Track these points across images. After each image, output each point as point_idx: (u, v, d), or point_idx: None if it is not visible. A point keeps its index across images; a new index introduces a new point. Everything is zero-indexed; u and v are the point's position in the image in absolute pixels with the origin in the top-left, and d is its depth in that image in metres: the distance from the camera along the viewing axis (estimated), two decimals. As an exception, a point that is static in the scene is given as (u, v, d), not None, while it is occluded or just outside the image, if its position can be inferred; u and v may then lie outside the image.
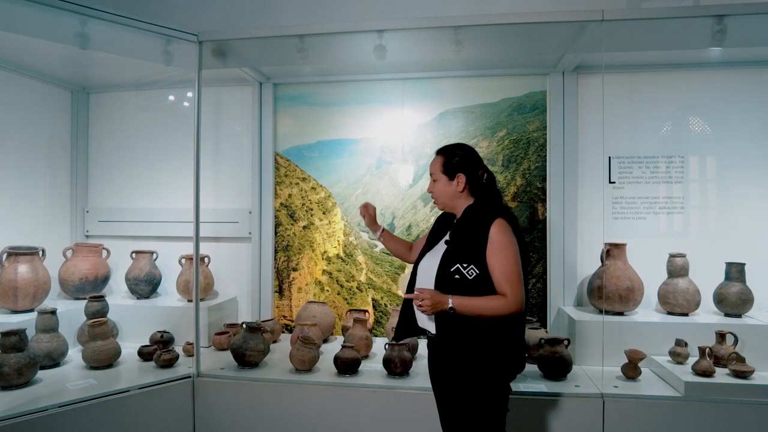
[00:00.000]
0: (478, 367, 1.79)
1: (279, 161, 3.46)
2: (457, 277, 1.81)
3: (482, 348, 1.79)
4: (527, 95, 3.21)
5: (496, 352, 1.80)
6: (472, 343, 1.80)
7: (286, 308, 3.45)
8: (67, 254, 3.17)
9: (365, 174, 3.42)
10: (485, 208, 1.90)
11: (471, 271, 1.80)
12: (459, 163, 1.95)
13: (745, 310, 2.73)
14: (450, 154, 1.98)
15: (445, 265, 1.85)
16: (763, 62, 2.95)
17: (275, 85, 3.43)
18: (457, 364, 1.82)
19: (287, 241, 3.45)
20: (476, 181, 1.96)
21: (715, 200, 3.03)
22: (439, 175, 1.98)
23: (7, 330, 2.32)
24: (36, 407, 2.14)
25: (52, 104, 3.42)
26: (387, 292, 3.37)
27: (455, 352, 1.83)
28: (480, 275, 1.79)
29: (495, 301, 1.77)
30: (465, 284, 1.80)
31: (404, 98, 3.34)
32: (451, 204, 1.99)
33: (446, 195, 1.98)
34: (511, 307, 1.76)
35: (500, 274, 1.78)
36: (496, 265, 1.78)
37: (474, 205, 1.94)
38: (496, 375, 1.81)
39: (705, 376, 2.34)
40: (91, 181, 3.61)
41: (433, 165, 2.01)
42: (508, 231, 1.83)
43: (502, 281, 1.77)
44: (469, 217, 1.91)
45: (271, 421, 2.50)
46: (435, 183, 2.01)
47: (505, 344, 1.82)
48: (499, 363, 1.81)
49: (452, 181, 1.95)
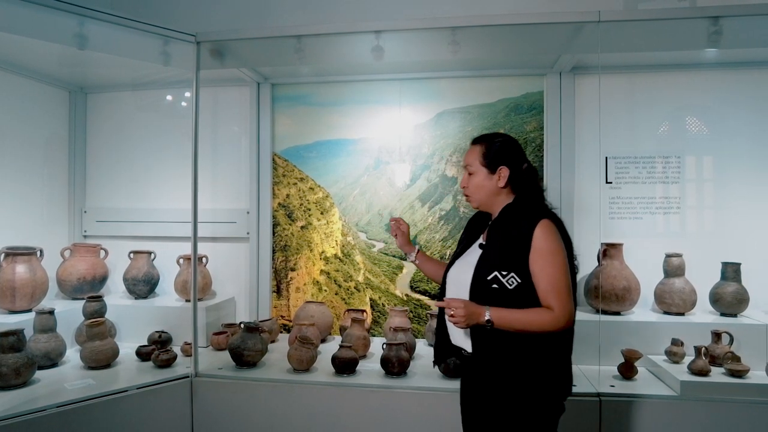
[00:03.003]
0: (521, 392, 1.58)
1: (277, 161, 3.47)
2: (495, 287, 1.59)
3: (526, 369, 1.57)
4: (524, 96, 3.22)
5: (541, 374, 1.58)
6: (514, 363, 1.58)
7: (284, 308, 3.46)
8: (65, 254, 3.17)
9: (363, 174, 3.42)
10: (527, 208, 1.67)
11: (511, 279, 1.58)
12: (502, 154, 1.71)
13: (741, 309, 2.74)
14: (491, 143, 1.73)
15: (481, 272, 1.63)
16: (759, 63, 2.96)
17: (273, 86, 3.44)
18: (497, 389, 1.60)
19: (285, 241, 3.45)
20: (519, 175, 1.72)
21: (711, 200, 3.04)
22: (477, 167, 1.73)
23: (5, 330, 2.31)
24: (34, 407, 2.13)
25: (50, 104, 3.42)
26: (385, 292, 3.37)
27: (494, 373, 1.60)
28: (521, 285, 1.57)
29: (540, 315, 1.55)
30: (504, 295, 1.58)
31: (402, 98, 3.34)
32: (488, 202, 1.75)
33: (484, 191, 1.73)
34: (559, 323, 1.54)
35: (546, 283, 1.56)
36: (541, 274, 1.56)
37: (514, 203, 1.71)
38: (540, 401, 1.59)
39: (701, 376, 2.35)
40: (89, 182, 3.61)
41: (470, 155, 1.76)
42: (556, 234, 1.61)
43: (549, 292, 1.55)
44: (508, 217, 1.68)
45: (269, 420, 2.50)
46: (471, 176, 1.75)
47: (552, 365, 1.60)
48: (545, 387, 1.59)
49: (493, 175, 1.71)
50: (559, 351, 1.62)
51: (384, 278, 3.39)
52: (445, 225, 3.32)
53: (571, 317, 1.57)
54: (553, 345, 1.59)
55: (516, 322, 1.55)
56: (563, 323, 1.55)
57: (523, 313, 1.56)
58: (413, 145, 3.36)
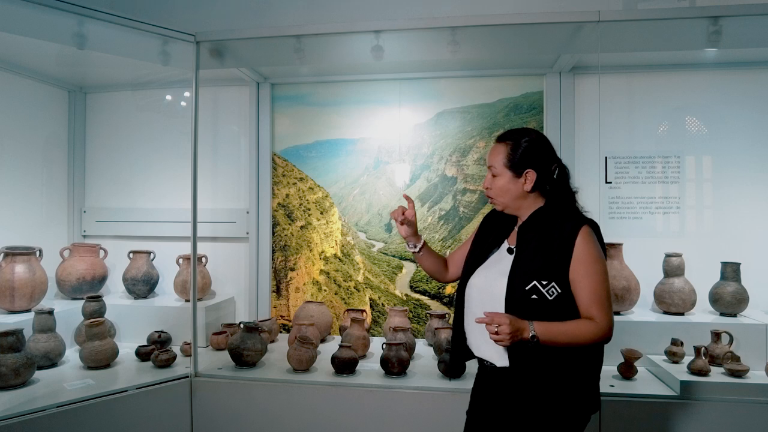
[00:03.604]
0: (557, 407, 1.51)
1: (276, 161, 3.46)
2: (534, 298, 1.49)
3: (564, 383, 1.51)
4: (524, 95, 3.22)
5: (577, 388, 1.53)
6: (553, 377, 1.51)
7: (284, 308, 3.45)
8: (64, 254, 3.17)
9: (363, 174, 3.42)
10: (563, 211, 1.58)
11: (552, 290, 1.49)
12: (529, 156, 1.59)
13: (741, 309, 2.74)
14: (517, 143, 1.61)
15: (517, 281, 1.52)
16: (759, 63, 2.96)
17: (273, 85, 3.43)
18: (533, 403, 1.53)
19: (285, 241, 3.45)
20: (548, 177, 1.61)
21: (710, 200, 3.04)
22: (501, 169, 1.61)
23: (4, 330, 2.31)
24: (33, 407, 2.13)
25: (49, 104, 3.42)
26: (384, 291, 3.37)
27: (532, 388, 1.52)
28: (561, 295, 1.49)
29: (584, 327, 1.47)
30: (544, 306, 1.49)
31: (401, 98, 3.34)
32: (515, 205, 1.64)
33: (509, 195, 1.62)
34: (603, 334, 1.47)
35: (589, 293, 1.47)
36: (583, 283, 1.48)
37: (546, 207, 1.61)
38: (574, 415, 1.54)
39: (700, 375, 2.35)
40: (88, 181, 3.61)
41: (494, 155, 1.63)
42: (596, 242, 1.53)
43: (592, 302, 1.47)
44: (542, 221, 1.58)
45: (268, 420, 2.50)
46: (495, 179, 1.63)
47: (587, 378, 1.55)
48: (580, 401, 1.54)
49: (519, 179, 1.60)
50: (593, 363, 1.56)
51: (383, 278, 3.39)
52: (445, 225, 3.32)
53: (612, 328, 1.49)
54: (589, 357, 1.54)
55: (561, 335, 1.46)
56: (606, 334, 1.48)
57: (567, 325, 1.47)
58: (413, 145, 3.36)
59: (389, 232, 3.40)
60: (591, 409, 1.57)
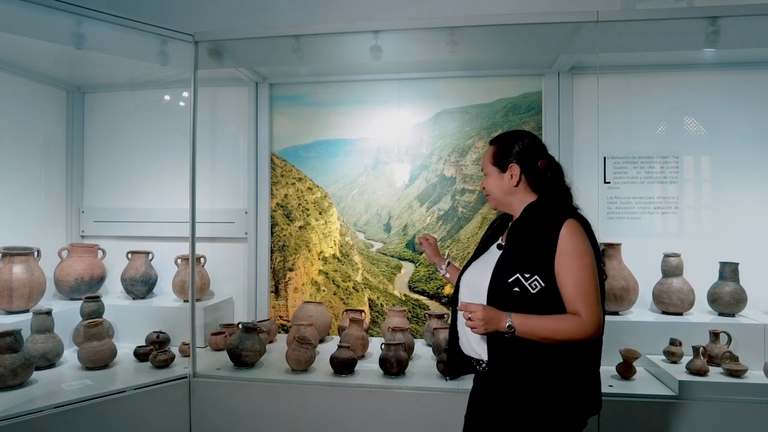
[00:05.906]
0: (542, 409, 1.47)
1: (275, 161, 3.46)
2: (516, 290, 1.48)
3: (548, 383, 1.46)
4: (523, 96, 3.22)
5: (565, 388, 1.47)
6: (535, 375, 1.47)
7: (283, 308, 3.45)
8: (62, 254, 3.16)
9: (361, 174, 3.42)
10: (552, 207, 1.58)
11: (535, 283, 1.47)
12: (512, 150, 1.64)
13: (739, 309, 2.74)
14: (502, 143, 1.67)
15: (501, 274, 1.52)
16: (757, 63, 2.97)
17: (271, 85, 3.43)
18: (515, 404, 1.49)
19: (283, 241, 3.45)
20: (536, 173, 1.63)
21: (709, 200, 3.05)
22: (489, 167, 1.68)
23: (2, 331, 2.31)
24: (31, 408, 2.13)
25: (48, 104, 3.41)
26: (383, 292, 3.37)
27: (512, 387, 1.49)
28: (545, 289, 1.47)
29: (566, 322, 1.44)
30: (526, 299, 1.47)
31: (400, 98, 3.34)
32: (505, 201, 1.67)
33: (499, 191, 1.66)
34: (587, 331, 1.43)
35: (573, 287, 1.45)
36: (568, 277, 1.45)
37: (537, 202, 1.61)
38: (562, 418, 1.48)
39: (699, 375, 2.36)
40: (87, 182, 3.60)
41: (485, 157, 1.71)
42: (583, 235, 1.50)
43: (576, 297, 1.44)
44: (530, 216, 1.58)
45: (267, 421, 2.50)
46: (486, 178, 1.70)
47: (578, 379, 1.49)
48: (569, 403, 1.48)
49: (504, 174, 1.64)
50: (585, 363, 1.51)
51: (382, 278, 3.39)
52: (444, 225, 3.32)
53: (599, 324, 1.45)
54: (580, 356, 1.49)
55: (540, 329, 1.44)
56: (591, 331, 1.43)
57: (547, 319, 1.45)
58: (412, 145, 3.36)
59: (388, 232, 3.40)
60: (588, 411, 1.53)
